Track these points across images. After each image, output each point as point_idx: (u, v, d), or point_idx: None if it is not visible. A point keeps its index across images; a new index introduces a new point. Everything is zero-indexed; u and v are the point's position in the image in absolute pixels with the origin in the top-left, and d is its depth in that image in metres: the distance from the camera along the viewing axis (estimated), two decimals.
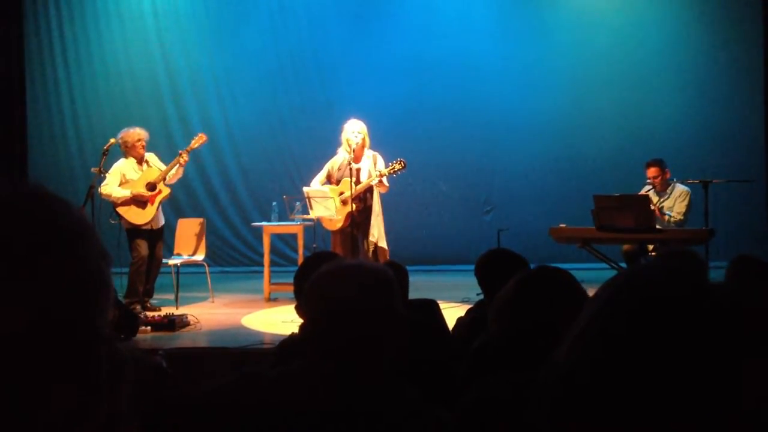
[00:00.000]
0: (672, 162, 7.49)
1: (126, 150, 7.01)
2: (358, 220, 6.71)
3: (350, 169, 6.60)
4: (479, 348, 1.66)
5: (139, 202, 6.91)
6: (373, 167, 6.69)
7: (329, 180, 6.94)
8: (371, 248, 6.68)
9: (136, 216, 6.92)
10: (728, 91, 9.85)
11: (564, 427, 0.70)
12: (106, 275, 0.71)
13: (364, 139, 6.72)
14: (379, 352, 1.38)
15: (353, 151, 6.67)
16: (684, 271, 0.73)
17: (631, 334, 0.69)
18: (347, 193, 6.62)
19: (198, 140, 7.26)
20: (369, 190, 6.70)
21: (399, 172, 6.66)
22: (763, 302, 0.69)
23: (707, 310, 0.68)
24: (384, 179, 6.62)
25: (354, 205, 6.66)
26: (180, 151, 7.10)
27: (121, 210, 6.90)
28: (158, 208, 6.99)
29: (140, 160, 7.05)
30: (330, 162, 6.95)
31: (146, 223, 6.93)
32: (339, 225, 6.77)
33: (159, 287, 7.41)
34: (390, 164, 6.63)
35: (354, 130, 6.69)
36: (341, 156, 6.81)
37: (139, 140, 6.99)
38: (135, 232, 6.95)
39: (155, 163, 7.13)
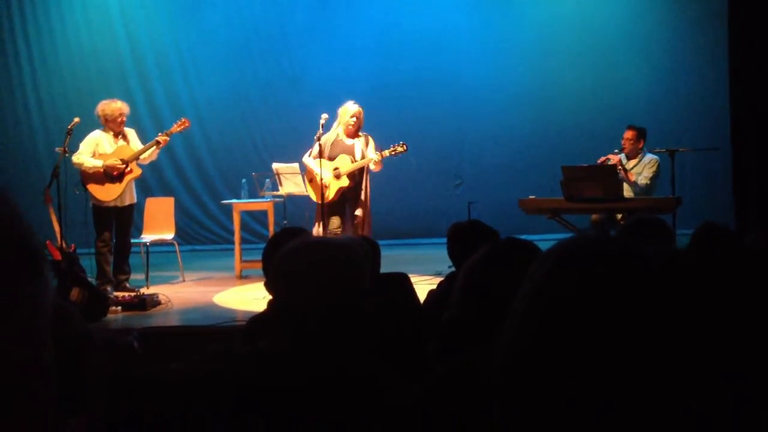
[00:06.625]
0: None
1: (105, 123, 6.71)
2: (349, 196, 6.96)
3: (345, 144, 6.89)
4: (447, 321, 1.67)
5: (108, 176, 6.65)
6: (365, 147, 6.93)
7: (321, 156, 7.03)
8: (362, 220, 6.98)
9: (101, 192, 6.67)
10: (693, 61, 9.95)
11: (515, 395, 0.70)
12: (40, 291, 0.61)
13: (357, 122, 6.96)
14: (342, 328, 1.38)
15: (346, 130, 6.93)
16: (612, 241, 0.72)
17: (572, 301, 0.68)
18: (342, 169, 6.86)
19: (180, 125, 6.97)
20: (363, 167, 6.98)
21: (400, 154, 7.04)
22: (722, 269, 0.69)
23: (642, 278, 0.67)
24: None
25: (348, 182, 6.91)
26: (159, 134, 6.85)
27: (88, 185, 6.68)
28: (127, 186, 6.73)
29: (117, 135, 6.76)
30: (323, 138, 7.01)
31: (111, 201, 6.69)
32: (330, 198, 6.94)
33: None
34: (392, 146, 6.93)
35: (353, 113, 6.90)
36: (333, 133, 6.97)
37: (120, 114, 6.70)
38: (99, 210, 6.72)
39: (133, 141, 6.84)
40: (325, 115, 6.94)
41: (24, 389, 0.59)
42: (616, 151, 7.39)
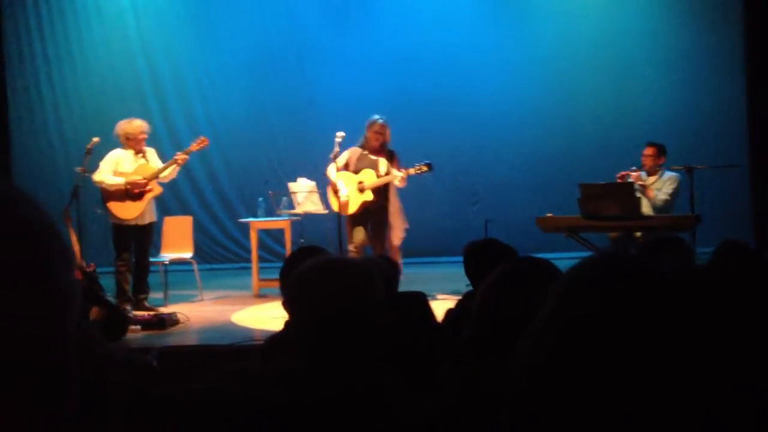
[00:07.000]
0: None
1: (126, 142, 6.78)
2: (372, 208, 7.04)
3: (370, 159, 7.04)
4: (465, 339, 1.67)
5: (129, 195, 6.71)
6: (390, 162, 7.07)
7: (347, 169, 7.14)
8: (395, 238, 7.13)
9: (123, 210, 6.72)
10: (711, 76, 9.90)
11: (530, 410, 0.69)
12: (73, 284, 0.66)
13: (381, 137, 7.09)
14: (357, 345, 1.38)
15: (370, 145, 7.07)
16: (630, 259, 0.72)
17: (585, 325, 0.68)
18: (366, 183, 7.00)
19: (199, 144, 7.04)
20: (387, 182, 7.09)
21: (424, 173, 7.10)
22: (742, 285, 0.69)
23: (657, 298, 0.67)
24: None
25: (371, 196, 7.03)
26: (178, 153, 6.91)
27: (109, 203, 6.73)
28: (147, 204, 6.79)
29: (137, 153, 6.83)
30: (348, 152, 7.13)
31: (132, 219, 6.74)
32: (352, 210, 7.06)
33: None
34: (417, 165, 7.02)
35: (376, 128, 7.04)
36: (359, 148, 7.12)
37: (141, 132, 6.78)
38: (120, 228, 6.78)
39: (153, 159, 6.91)
40: (340, 134, 6.99)
41: (44, 369, 0.61)
42: (634, 168, 7.35)
